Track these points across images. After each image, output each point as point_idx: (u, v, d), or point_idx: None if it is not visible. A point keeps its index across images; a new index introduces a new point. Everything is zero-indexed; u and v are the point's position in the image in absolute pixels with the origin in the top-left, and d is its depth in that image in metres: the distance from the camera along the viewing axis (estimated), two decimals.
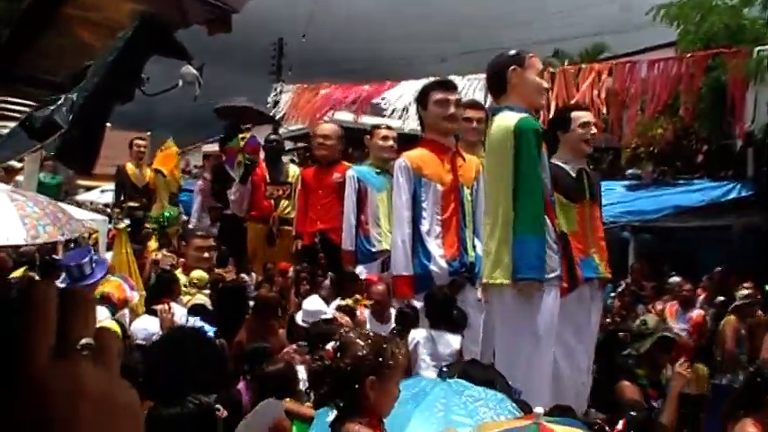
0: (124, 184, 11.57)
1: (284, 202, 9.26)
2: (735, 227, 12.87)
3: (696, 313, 9.11)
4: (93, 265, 5.42)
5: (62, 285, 5.35)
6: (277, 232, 9.12)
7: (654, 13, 12.33)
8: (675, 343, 5.46)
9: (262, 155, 9.67)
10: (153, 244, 9.27)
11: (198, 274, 6.22)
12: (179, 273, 6.37)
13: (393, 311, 5.80)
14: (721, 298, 9.64)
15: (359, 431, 2.50)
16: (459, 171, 6.26)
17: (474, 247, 6.14)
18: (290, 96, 12.38)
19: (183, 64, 5.67)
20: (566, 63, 14.75)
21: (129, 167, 11.54)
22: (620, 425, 3.29)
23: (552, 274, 5.24)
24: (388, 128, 8.28)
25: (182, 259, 7.33)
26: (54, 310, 0.77)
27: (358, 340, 2.60)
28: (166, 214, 10.87)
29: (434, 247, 6.06)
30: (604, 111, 9.36)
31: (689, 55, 8.62)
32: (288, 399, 4.10)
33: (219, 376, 3.25)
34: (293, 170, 9.64)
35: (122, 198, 11.57)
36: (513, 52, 5.64)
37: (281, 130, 13.29)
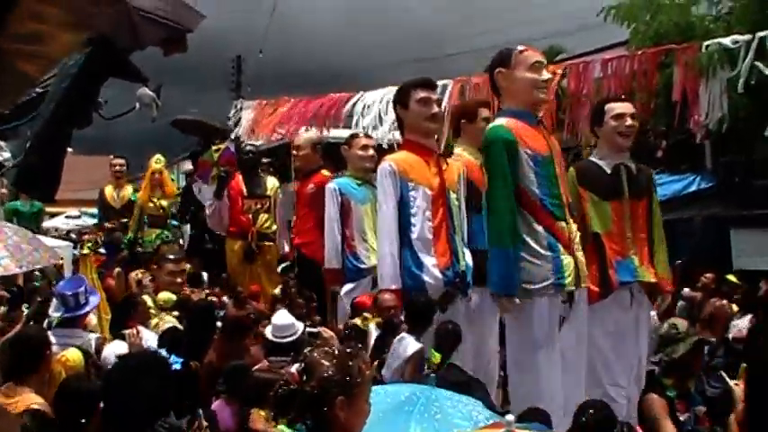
0: (103, 206, 11.51)
1: (263, 216, 8.93)
2: (696, 219, 13.08)
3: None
4: (87, 294, 5.43)
5: (57, 315, 5.37)
6: (257, 249, 8.83)
7: (605, 14, 12.50)
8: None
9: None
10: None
11: (164, 296, 6.20)
12: (146, 296, 6.33)
13: None
14: (687, 290, 9.78)
15: None
16: (444, 174, 5.87)
17: (464, 254, 5.78)
18: (251, 113, 12.32)
19: (141, 86, 5.66)
20: None
21: (108, 189, 11.48)
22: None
23: (541, 284, 5.15)
24: (367, 136, 7.87)
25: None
26: None
27: (323, 361, 2.54)
28: (125, 238, 10.69)
29: (426, 256, 5.64)
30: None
31: (640, 52, 8.75)
32: (262, 411, 4.07)
33: (181, 398, 3.24)
34: (272, 182, 9.27)
35: (103, 221, 11.51)
36: (500, 52, 5.44)
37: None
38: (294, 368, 2.82)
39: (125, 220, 11.18)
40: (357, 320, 5.54)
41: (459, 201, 5.94)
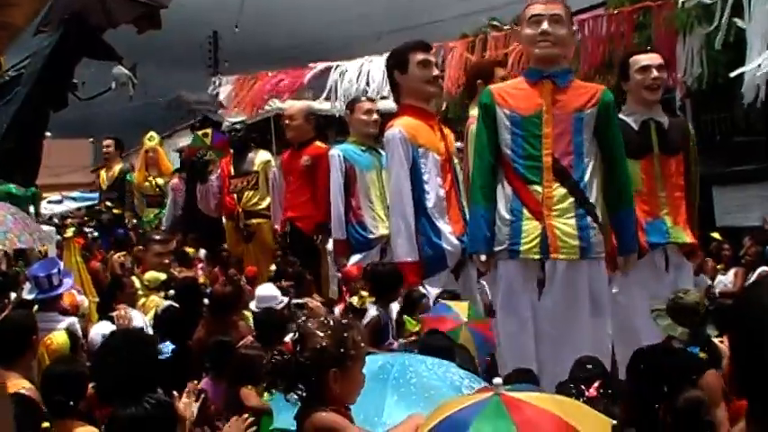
0: (99, 190, 11.56)
1: (248, 194, 8.57)
2: None
3: None
4: (61, 275, 5.39)
5: (30, 297, 5.36)
6: (245, 228, 8.49)
7: None
8: None
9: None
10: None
11: (150, 275, 6.18)
12: (134, 277, 6.31)
13: None
14: None
15: (327, 417, 2.47)
16: (446, 139, 5.78)
17: None
18: (230, 88, 12.26)
19: (116, 65, 5.61)
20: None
21: (102, 173, 11.52)
22: (593, 387, 3.19)
23: (498, 248, 4.93)
24: (370, 100, 7.49)
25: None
26: None
27: (317, 331, 2.52)
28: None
29: (443, 223, 5.51)
30: None
31: (616, 12, 8.73)
32: (250, 386, 4.08)
33: (165, 376, 3.26)
34: (261, 157, 8.84)
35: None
36: None
37: (225, 124, 13.18)
38: (288, 338, 2.81)
39: (109, 204, 11.13)
40: (354, 299, 5.43)
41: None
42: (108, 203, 11.20)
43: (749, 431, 1.49)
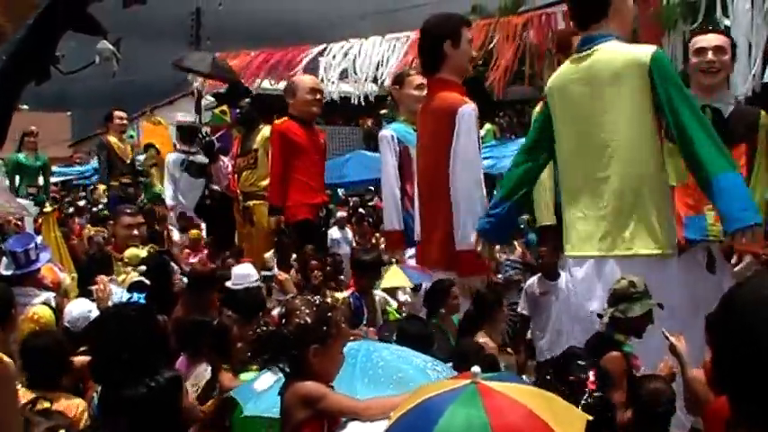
0: (109, 158, 10.91)
1: (246, 173, 8.08)
2: None
3: None
4: (37, 250, 5.35)
5: (8, 273, 5.29)
6: (246, 210, 8.03)
7: None
8: None
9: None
10: None
11: (130, 252, 6.14)
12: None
13: None
14: None
15: (308, 384, 2.57)
16: None
17: None
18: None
19: (99, 39, 5.54)
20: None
21: (114, 140, 10.87)
22: (591, 375, 3.05)
23: None
24: (420, 74, 6.42)
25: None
26: None
27: (303, 308, 2.65)
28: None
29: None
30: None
31: None
32: (223, 365, 4.04)
33: (164, 353, 3.22)
34: (263, 133, 8.09)
35: (109, 173, 11.00)
36: None
37: (203, 102, 13.07)
38: (275, 312, 2.90)
39: (141, 178, 10.92)
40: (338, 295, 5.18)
41: None
42: (138, 178, 10.89)
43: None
